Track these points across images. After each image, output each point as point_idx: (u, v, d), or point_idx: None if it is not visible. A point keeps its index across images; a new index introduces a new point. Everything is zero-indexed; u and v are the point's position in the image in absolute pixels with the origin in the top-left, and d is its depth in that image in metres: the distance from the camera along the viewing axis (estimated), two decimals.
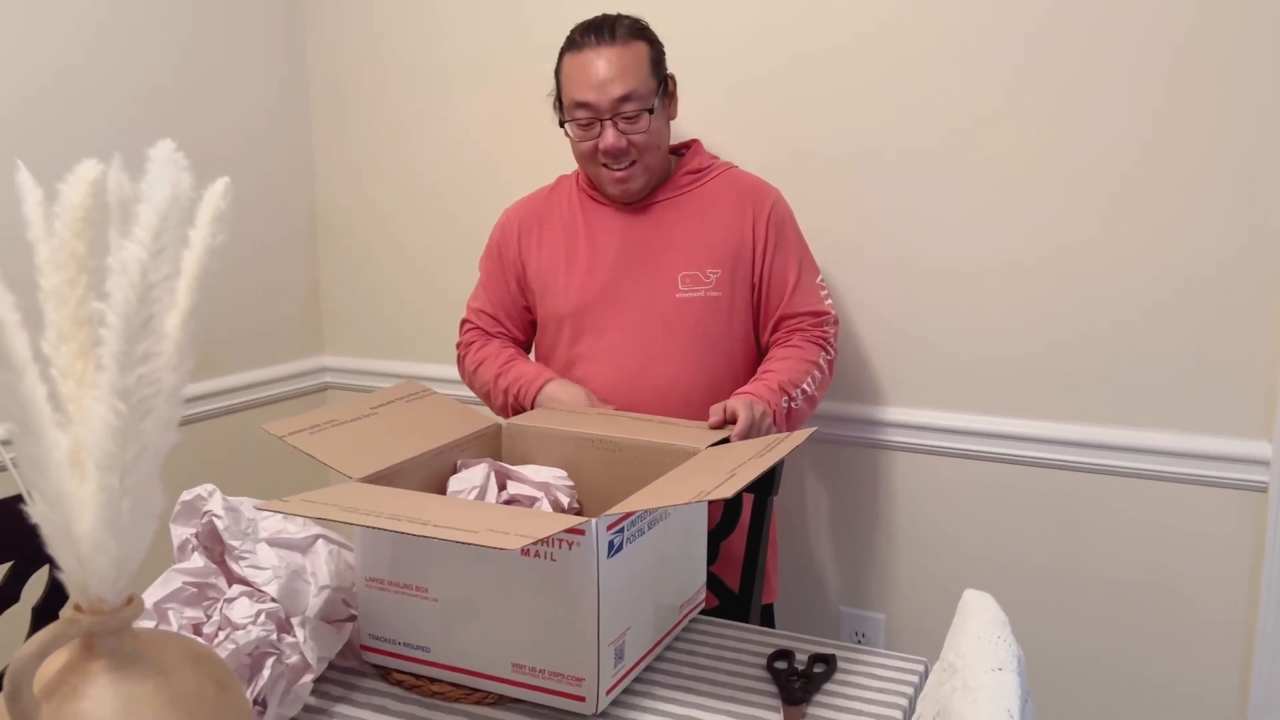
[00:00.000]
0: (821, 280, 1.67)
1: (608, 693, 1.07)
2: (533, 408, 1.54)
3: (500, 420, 1.42)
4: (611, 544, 1.05)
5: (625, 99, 1.51)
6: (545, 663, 1.06)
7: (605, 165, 1.56)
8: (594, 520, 1.02)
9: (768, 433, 1.43)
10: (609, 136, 1.52)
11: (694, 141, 1.69)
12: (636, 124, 1.52)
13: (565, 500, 1.27)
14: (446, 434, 1.32)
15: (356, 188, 2.37)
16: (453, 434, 1.32)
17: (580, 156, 1.60)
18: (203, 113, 2.14)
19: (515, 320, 1.71)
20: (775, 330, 1.63)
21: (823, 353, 1.61)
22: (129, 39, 1.98)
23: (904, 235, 1.84)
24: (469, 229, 2.05)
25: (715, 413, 1.40)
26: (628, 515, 1.07)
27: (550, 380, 1.56)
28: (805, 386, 1.55)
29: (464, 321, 1.75)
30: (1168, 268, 1.67)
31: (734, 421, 1.39)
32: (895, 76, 1.80)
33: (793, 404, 1.51)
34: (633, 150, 1.54)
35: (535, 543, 1.02)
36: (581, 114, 1.53)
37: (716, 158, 1.69)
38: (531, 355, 1.74)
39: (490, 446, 1.38)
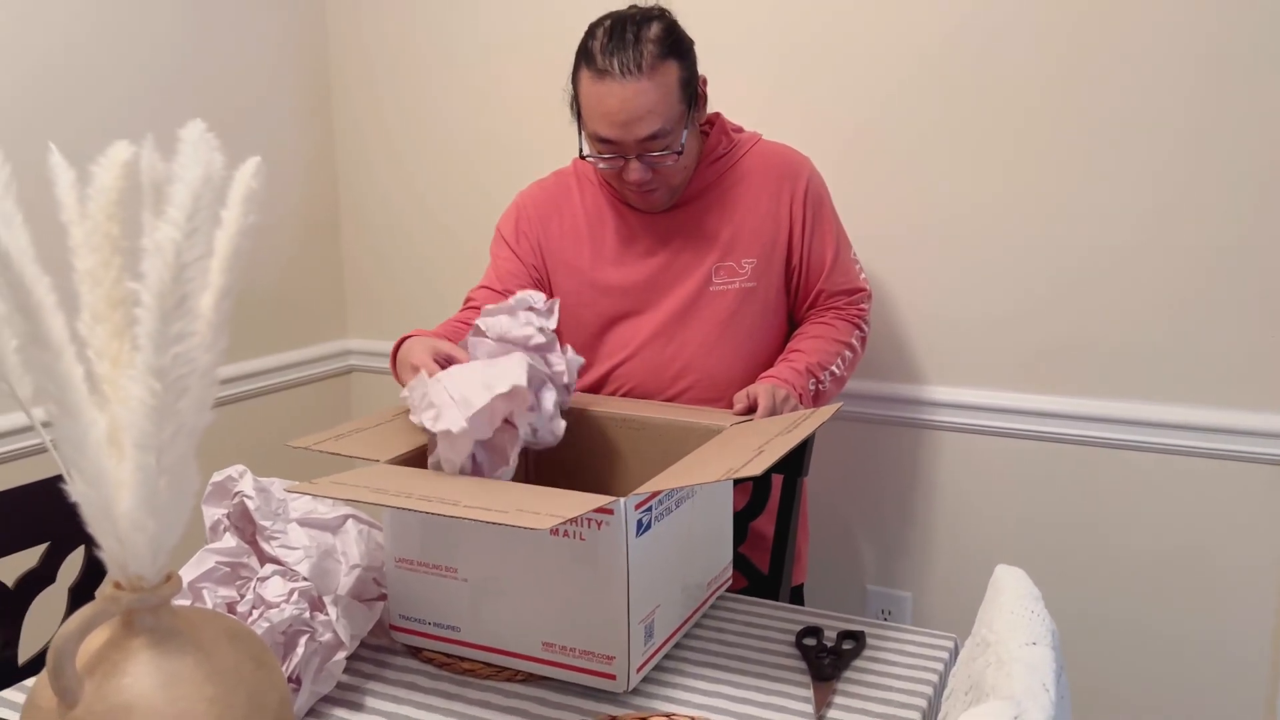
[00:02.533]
0: (855, 255, 1.63)
1: (638, 670, 1.07)
2: (395, 363, 1.42)
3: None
4: (640, 523, 1.05)
5: (652, 138, 1.40)
6: (575, 641, 1.07)
7: (629, 188, 1.49)
8: (622, 499, 1.02)
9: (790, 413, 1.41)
10: (633, 172, 1.43)
11: (716, 116, 1.60)
12: (664, 160, 1.44)
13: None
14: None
15: (379, 171, 2.38)
16: None
17: (604, 176, 1.54)
18: (225, 97, 2.15)
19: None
20: (811, 306, 1.59)
21: (856, 331, 1.58)
22: (152, 24, 1.98)
23: (935, 213, 1.82)
24: (493, 211, 2.04)
25: (739, 400, 1.37)
26: (656, 494, 1.07)
27: (407, 338, 1.41)
28: (834, 368, 1.52)
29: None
30: (1198, 242, 1.65)
31: (755, 409, 1.36)
32: (936, 49, 1.78)
33: (820, 386, 1.49)
34: (659, 178, 1.47)
35: (564, 522, 1.02)
36: (604, 148, 1.44)
37: (741, 129, 1.61)
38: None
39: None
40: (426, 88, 2.27)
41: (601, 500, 0.99)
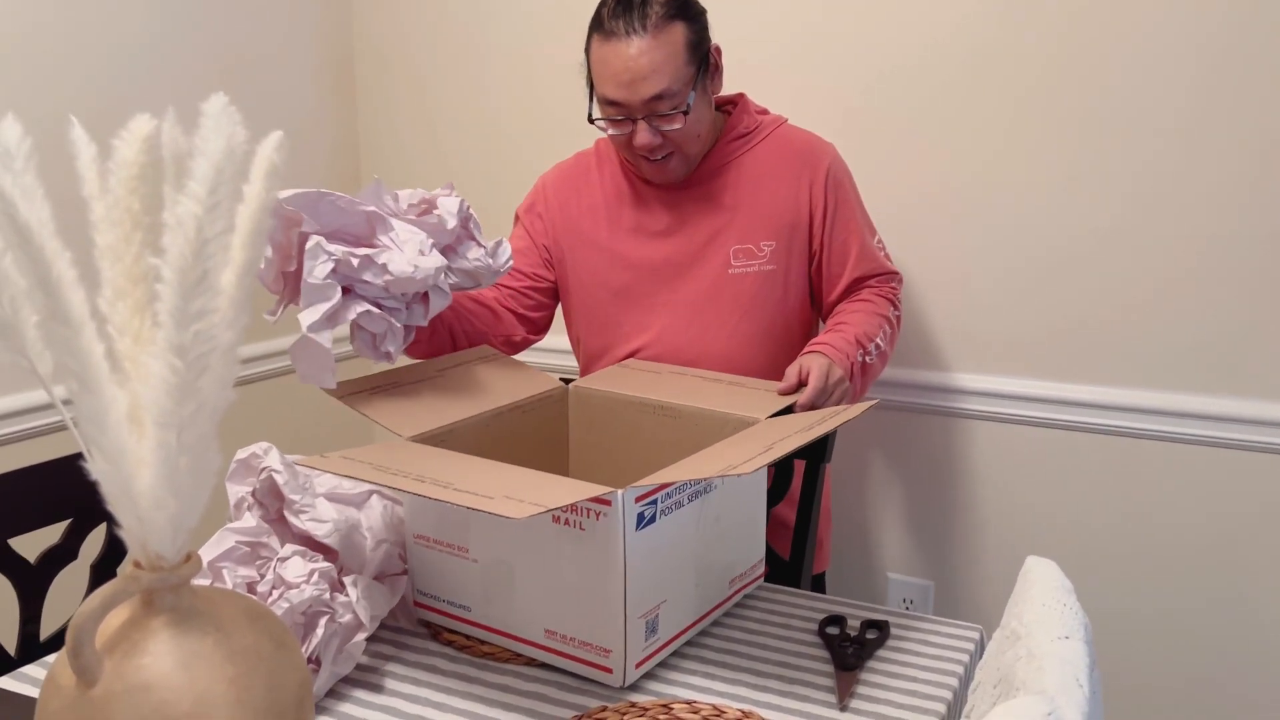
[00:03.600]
0: (879, 241, 1.61)
1: (637, 666, 1.06)
2: None
3: (563, 383, 1.39)
4: (642, 516, 1.03)
5: (658, 98, 1.39)
6: (575, 631, 1.06)
7: (642, 156, 1.48)
8: (620, 491, 1.00)
9: (840, 396, 1.37)
10: (641, 136, 1.42)
11: (739, 97, 1.58)
12: (672, 121, 1.42)
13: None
14: (507, 395, 1.30)
15: (403, 145, 2.37)
16: (514, 395, 1.30)
17: (615, 145, 1.53)
18: (248, 71, 2.14)
19: (526, 274, 1.60)
20: (843, 297, 1.56)
21: (891, 307, 1.55)
22: (176, 3, 1.98)
23: (961, 202, 1.80)
24: (520, 186, 2.03)
25: (789, 374, 1.34)
26: (664, 486, 1.05)
27: None
28: (879, 340, 1.48)
29: None
30: (1229, 230, 1.62)
31: (805, 384, 1.33)
32: (961, 38, 1.75)
33: (867, 358, 1.45)
34: (669, 144, 1.45)
35: (565, 510, 1.01)
36: (612, 111, 1.44)
37: (766, 111, 1.59)
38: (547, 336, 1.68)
39: (557, 409, 1.37)
40: (453, 61, 2.25)
41: (593, 490, 0.97)
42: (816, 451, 1.50)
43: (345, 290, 1.16)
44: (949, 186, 1.80)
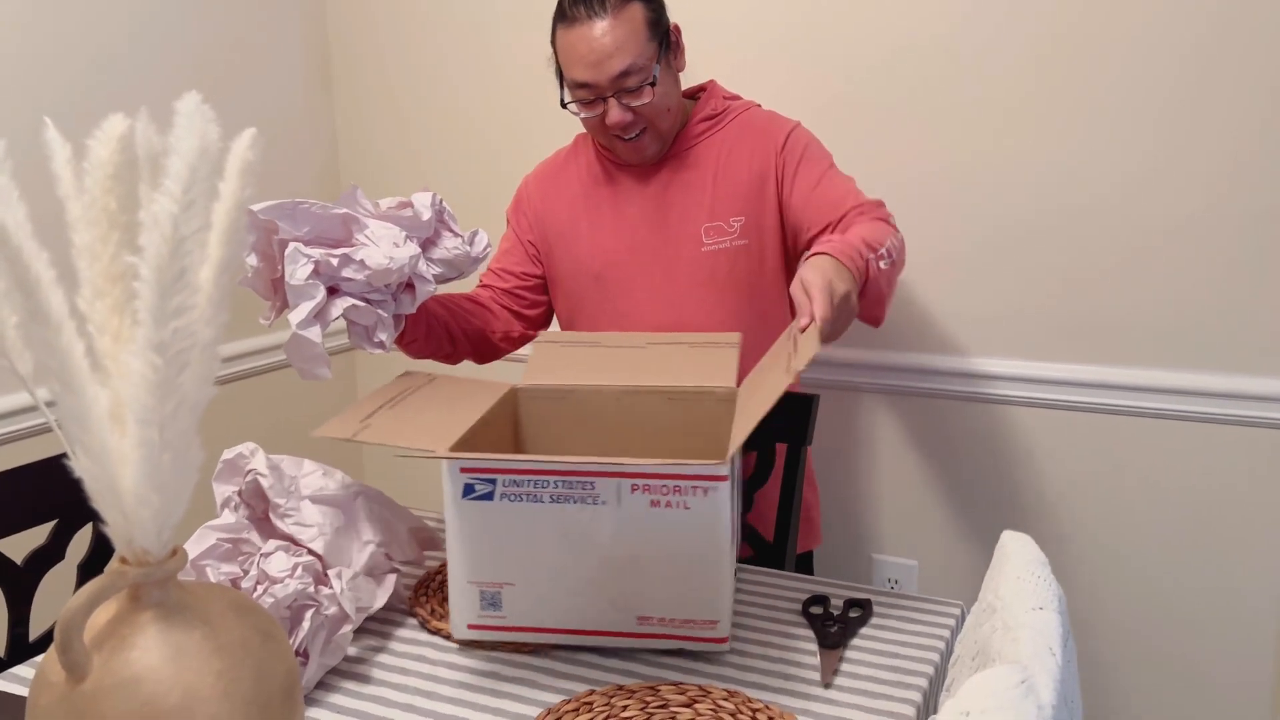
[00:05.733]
0: (858, 188, 1.51)
1: (469, 627, 1.12)
2: None
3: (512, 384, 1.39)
4: (470, 487, 1.07)
5: (625, 74, 1.43)
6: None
7: (616, 136, 1.51)
8: (445, 461, 1.07)
9: (849, 314, 1.17)
10: (614, 113, 1.46)
11: (709, 84, 1.62)
12: (640, 95, 1.46)
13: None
14: (482, 404, 1.30)
15: (380, 142, 2.36)
16: (486, 403, 1.31)
17: (589, 130, 1.56)
18: (224, 69, 2.13)
19: (516, 276, 1.63)
20: (828, 229, 1.46)
21: (890, 227, 1.41)
22: (152, 4, 1.97)
23: (944, 183, 1.81)
24: (497, 180, 2.04)
25: (799, 303, 1.12)
26: (493, 470, 1.07)
27: None
28: (889, 245, 1.33)
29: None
30: (1207, 207, 1.64)
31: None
32: (944, 17, 1.76)
33: (881, 262, 1.30)
34: (641, 120, 1.48)
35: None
36: (583, 93, 1.48)
37: (738, 97, 1.62)
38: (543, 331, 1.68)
39: (508, 411, 1.37)
40: (429, 59, 2.25)
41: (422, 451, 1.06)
42: (797, 434, 1.52)
43: (332, 290, 1.21)
44: (930, 171, 1.81)
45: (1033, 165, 1.74)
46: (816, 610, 1.19)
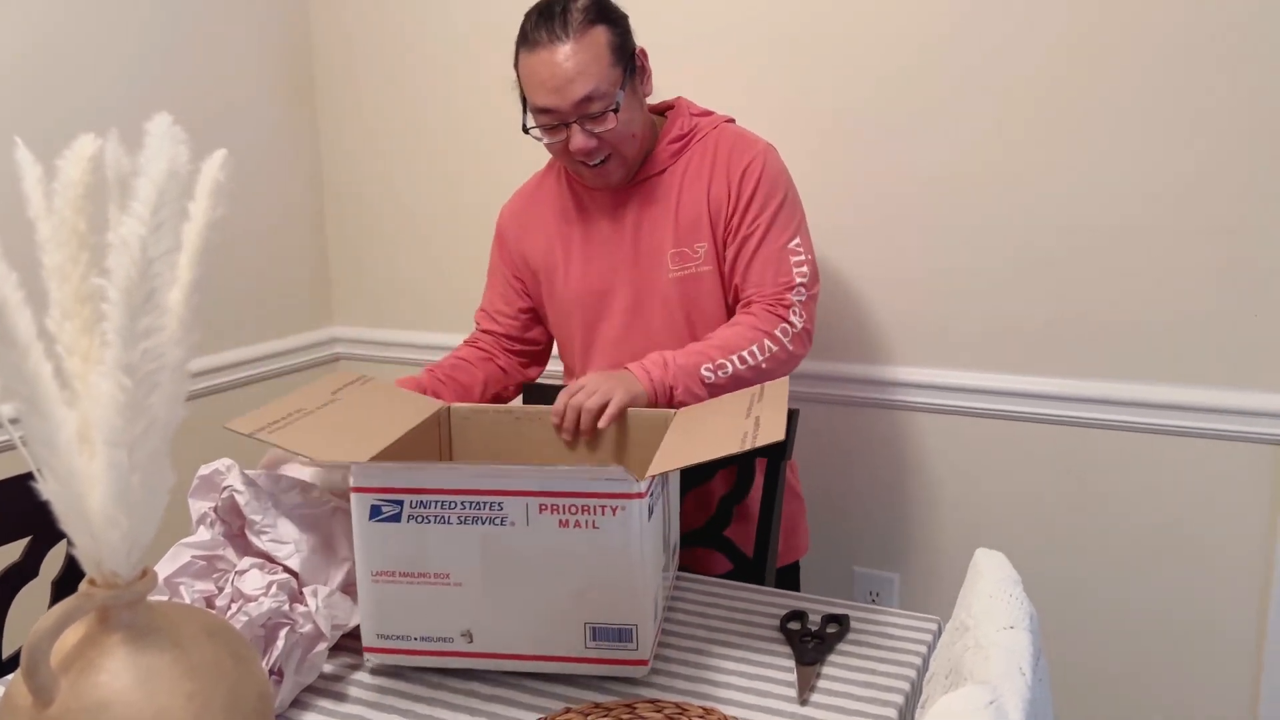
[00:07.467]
0: (797, 244, 1.50)
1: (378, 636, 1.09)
2: None
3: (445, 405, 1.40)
4: (377, 509, 1.06)
5: (588, 99, 1.40)
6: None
7: (581, 162, 1.48)
8: (356, 466, 1.06)
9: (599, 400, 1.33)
10: (576, 139, 1.43)
11: (677, 101, 1.58)
12: (604, 122, 1.43)
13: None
14: (411, 418, 1.30)
15: (363, 156, 2.36)
16: (417, 417, 1.31)
17: (554, 154, 1.53)
18: (207, 87, 2.13)
19: (509, 316, 1.65)
20: (738, 300, 1.52)
21: (782, 323, 1.46)
22: (129, 14, 1.96)
23: (914, 194, 1.82)
24: (478, 196, 2.04)
25: (557, 412, 1.34)
26: (403, 490, 1.05)
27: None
28: (741, 357, 1.42)
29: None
30: (1182, 220, 1.65)
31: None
32: (910, 28, 1.77)
33: (715, 373, 1.40)
34: (605, 146, 1.46)
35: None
36: (545, 119, 1.45)
37: (711, 112, 1.58)
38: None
39: (437, 431, 1.37)
40: (410, 74, 2.26)
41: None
42: (777, 448, 1.52)
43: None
44: (915, 186, 1.82)
45: (1014, 184, 1.75)
46: (794, 626, 1.19)
